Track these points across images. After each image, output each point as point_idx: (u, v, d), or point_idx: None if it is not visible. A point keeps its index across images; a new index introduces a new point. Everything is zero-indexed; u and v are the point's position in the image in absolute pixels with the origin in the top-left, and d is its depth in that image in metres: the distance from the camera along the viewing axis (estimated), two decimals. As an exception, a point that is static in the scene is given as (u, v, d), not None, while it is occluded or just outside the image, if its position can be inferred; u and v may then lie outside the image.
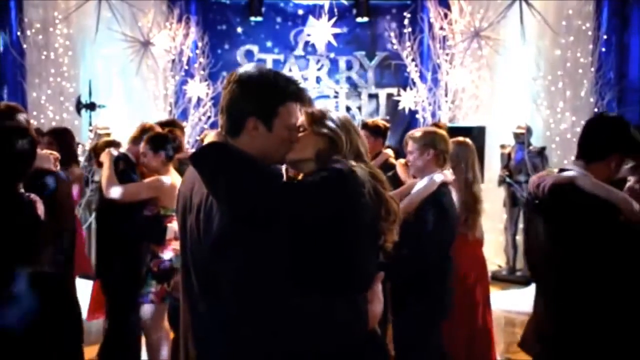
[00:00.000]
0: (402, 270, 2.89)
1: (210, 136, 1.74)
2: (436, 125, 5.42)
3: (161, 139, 3.80)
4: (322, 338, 1.67)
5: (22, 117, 2.67)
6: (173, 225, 3.63)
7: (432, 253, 3.11)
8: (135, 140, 3.89)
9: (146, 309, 3.63)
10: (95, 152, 4.59)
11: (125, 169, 3.75)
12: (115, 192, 3.63)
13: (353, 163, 1.77)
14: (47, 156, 2.74)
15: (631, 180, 2.80)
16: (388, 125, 4.96)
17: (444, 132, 3.46)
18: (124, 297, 3.71)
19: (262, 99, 1.69)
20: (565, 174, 2.52)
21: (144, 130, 3.90)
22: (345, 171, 1.72)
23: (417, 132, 3.37)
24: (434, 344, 3.27)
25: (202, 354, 1.73)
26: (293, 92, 1.74)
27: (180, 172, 4.00)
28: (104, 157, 3.79)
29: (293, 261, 1.62)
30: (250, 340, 1.62)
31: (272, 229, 1.61)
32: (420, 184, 3.20)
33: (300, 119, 1.81)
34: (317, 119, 1.84)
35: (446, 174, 3.25)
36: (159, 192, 3.69)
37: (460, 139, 4.00)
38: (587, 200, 2.40)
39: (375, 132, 4.61)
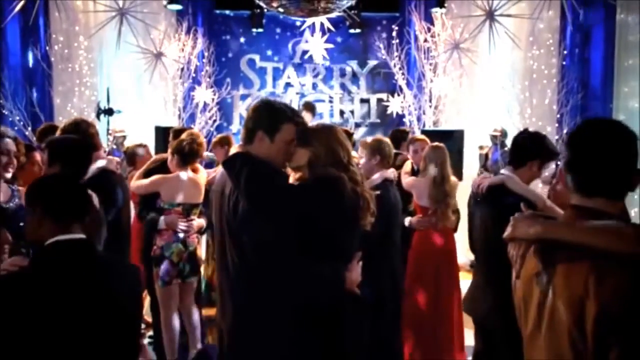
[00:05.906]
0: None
1: (235, 147, 2.47)
2: (424, 132, 6.14)
3: (177, 145, 4.08)
4: (312, 290, 2.24)
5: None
6: (166, 218, 4.02)
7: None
8: None
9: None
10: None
11: (152, 169, 4.26)
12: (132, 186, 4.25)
13: (334, 170, 2.33)
14: (112, 160, 3.50)
15: (553, 182, 3.49)
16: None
17: (388, 141, 4.07)
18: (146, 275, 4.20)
19: (268, 118, 2.29)
20: (498, 177, 3.15)
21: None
22: (331, 178, 2.30)
23: (367, 140, 4.04)
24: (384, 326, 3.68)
25: (235, 300, 2.31)
26: (291, 117, 2.32)
27: None
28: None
29: (296, 237, 2.17)
30: (265, 289, 2.21)
31: (278, 216, 2.18)
32: (370, 182, 3.76)
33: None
34: (302, 138, 2.46)
35: (389, 173, 3.89)
36: (158, 188, 4.06)
37: (435, 143, 4.53)
38: (512, 197, 3.00)
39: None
